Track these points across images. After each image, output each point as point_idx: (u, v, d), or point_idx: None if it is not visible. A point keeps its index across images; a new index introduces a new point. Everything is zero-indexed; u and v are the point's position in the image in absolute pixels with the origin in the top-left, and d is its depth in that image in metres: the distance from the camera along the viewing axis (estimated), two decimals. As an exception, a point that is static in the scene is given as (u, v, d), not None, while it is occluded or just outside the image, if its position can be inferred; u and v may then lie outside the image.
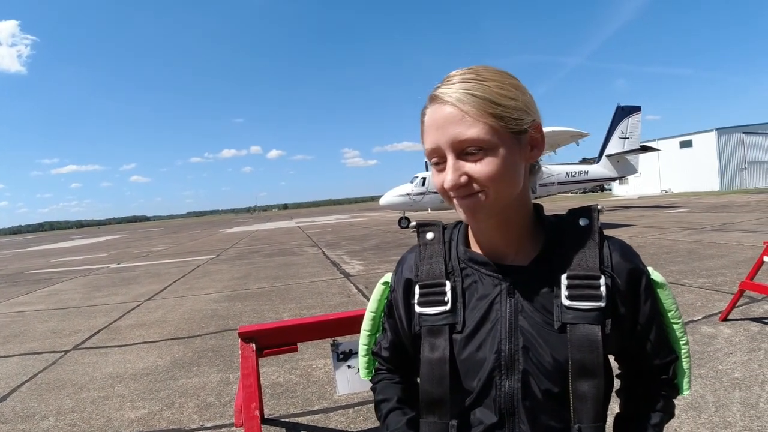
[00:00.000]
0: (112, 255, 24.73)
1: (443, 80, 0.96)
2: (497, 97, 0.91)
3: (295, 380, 4.67)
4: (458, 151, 0.91)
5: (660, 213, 24.19)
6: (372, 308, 1.28)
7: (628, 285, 1.00)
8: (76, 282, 13.95)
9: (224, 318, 7.61)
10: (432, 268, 1.09)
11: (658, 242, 12.34)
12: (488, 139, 0.89)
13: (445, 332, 1.03)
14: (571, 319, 0.95)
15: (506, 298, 1.01)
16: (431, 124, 0.93)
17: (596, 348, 0.93)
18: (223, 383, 4.73)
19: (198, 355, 5.73)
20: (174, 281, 12.40)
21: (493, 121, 0.90)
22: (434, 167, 0.96)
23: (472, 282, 1.06)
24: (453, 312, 1.04)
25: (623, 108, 30.62)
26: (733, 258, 9.49)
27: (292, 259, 15.47)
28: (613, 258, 1.01)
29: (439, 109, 0.92)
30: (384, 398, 1.22)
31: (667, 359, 1.08)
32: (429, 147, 0.94)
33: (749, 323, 5.32)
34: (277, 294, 9.34)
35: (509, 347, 0.99)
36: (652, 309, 1.04)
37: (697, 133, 51.73)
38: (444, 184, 0.92)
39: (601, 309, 0.95)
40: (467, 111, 0.89)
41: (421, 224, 1.18)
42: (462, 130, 0.89)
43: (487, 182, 0.90)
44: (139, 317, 8.25)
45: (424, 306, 1.07)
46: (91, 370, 5.50)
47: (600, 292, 0.95)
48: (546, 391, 0.97)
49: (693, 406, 3.55)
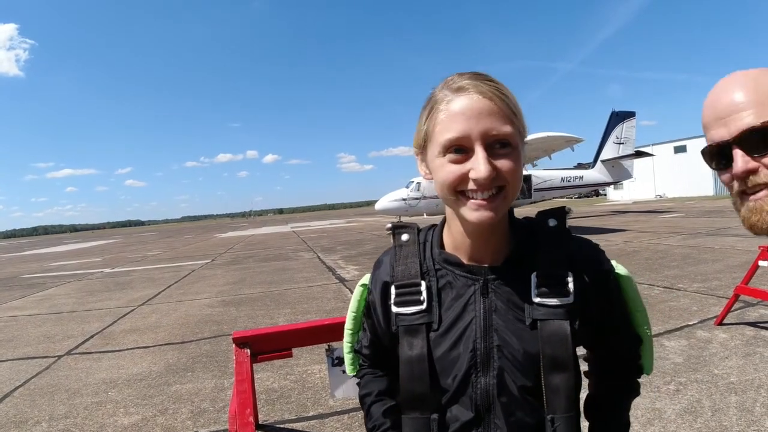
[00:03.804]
0: (107, 259, 24.65)
1: (461, 75, 0.96)
2: (516, 104, 0.96)
3: (290, 386, 4.65)
4: (488, 144, 0.91)
5: (654, 218, 24.26)
6: (353, 308, 1.31)
7: (594, 281, 1.04)
8: (70, 287, 13.90)
9: (218, 323, 7.57)
10: (407, 269, 1.11)
11: (653, 247, 12.40)
12: (516, 138, 0.94)
13: (422, 331, 1.06)
14: (542, 315, 0.99)
15: (480, 298, 1.04)
16: (461, 112, 0.91)
17: (566, 342, 0.97)
18: (218, 389, 4.70)
19: (192, 361, 5.69)
20: (168, 286, 12.36)
21: (517, 123, 0.95)
22: (447, 159, 0.94)
23: (447, 282, 1.08)
24: (429, 311, 1.06)
25: (618, 113, 30.85)
26: (727, 262, 9.52)
27: (287, 263, 15.45)
28: (580, 256, 1.05)
29: (472, 99, 0.91)
30: (367, 392, 1.26)
31: (632, 343, 1.16)
32: (456, 135, 0.91)
33: (744, 327, 5.34)
34: (272, 299, 9.32)
35: (484, 345, 1.02)
36: (618, 301, 1.12)
37: (692, 138, 51.96)
38: (474, 174, 0.90)
39: (569, 305, 0.99)
40: (502, 108, 0.92)
41: (396, 226, 1.21)
42: (498, 125, 0.90)
43: (512, 178, 0.93)
44: (132, 322, 8.21)
45: (400, 306, 1.09)
46: (85, 376, 5.47)
47: (568, 288, 1.00)
48: (521, 386, 1.01)
49: (689, 410, 3.55)
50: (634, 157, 30.74)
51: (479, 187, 0.91)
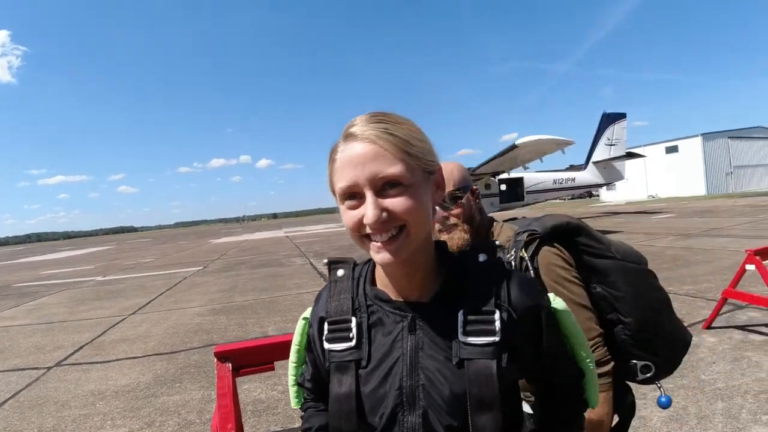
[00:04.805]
0: (99, 267, 24.51)
1: (354, 121, 0.98)
2: (412, 139, 0.95)
3: (277, 396, 4.63)
4: (377, 187, 0.92)
5: (647, 219, 24.37)
6: (296, 341, 1.31)
7: (527, 319, 1.02)
8: (61, 295, 13.82)
9: (209, 332, 7.54)
10: (340, 305, 1.11)
11: (645, 248, 12.44)
12: (407, 176, 0.92)
13: (352, 368, 1.05)
14: (468, 354, 0.97)
15: (407, 335, 1.03)
16: (349, 160, 0.93)
17: (492, 382, 0.95)
18: (205, 400, 4.68)
19: (180, 372, 5.67)
20: (160, 294, 12.30)
21: (410, 160, 0.94)
22: (346, 206, 0.96)
23: (378, 319, 1.07)
24: (358, 348, 1.06)
25: (609, 115, 31.02)
26: (718, 264, 9.57)
27: (279, 270, 15.41)
28: (510, 293, 1.02)
29: (357, 146, 0.93)
30: (308, 427, 1.26)
31: (574, 378, 1.14)
32: (345, 184, 0.93)
33: (733, 331, 5.35)
34: (263, 307, 9.29)
35: (410, 384, 1.00)
36: (554, 338, 1.08)
37: (683, 139, 52.32)
38: (365, 220, 0.91)
39: (496, 343, 0.97)
40: (387, 148, 0.92)
41: (332, 261, 1.20)
42: (383, 167, 0.91)
43: (407, 217, 0.92)
44: (123, 332, 8.17)
45: (331, 342, 1.09)
46: (74, 387, 5.44)
47: (494, 327, 0.97)
48: (447, 426, 0.98)
49: (674, 418, 3.55)
50: (625, 159, 30.91)
51: (374, 231, 0.92)
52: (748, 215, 20.76)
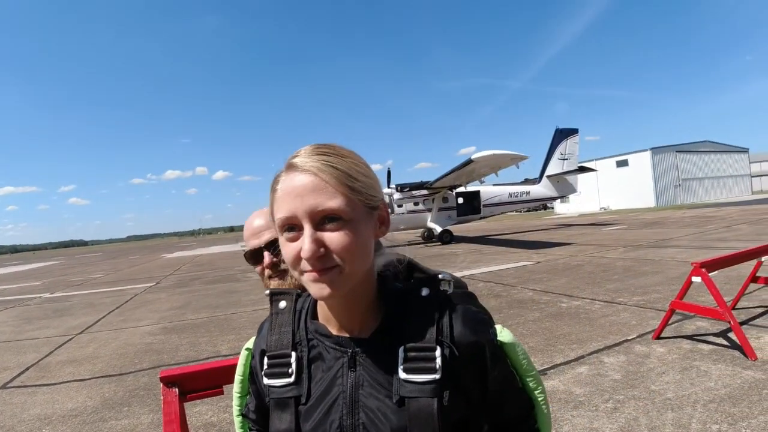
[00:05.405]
0: (47, 283, 23.58)
1: (298, 152, 0.96)
2: (355, 173, 0.93)
3: (229, 419, 4.49)
4: (316, 221, 0.89)
5: (599, 230, 24.99)
6: (239, 372, 1.27)
7: (470, 355, 0.99)
8: (7, 314, 13.26)
9: (159, 353, 7.30)
10: (280, 338, 1.08)
11: (596, 260, 12.71)
12: (348, 210, 0.90)
13: (291, 405, 1.03)
14: (408, 392, 0.94)
15: (347, 372, 1.00)
16: (288, 191, 0.91)
17: (432, 421, 0.92)
18: (155, 425, 4.51)
19: (129, 394, 5.46)
20: (109, 312, 11.89)
21: (352, 194, 0.91)
22: (285, 238, 0.93)
23: (318, 353, 1.05)
24: (298, 384, 1.03)
25: (562, 131, 31.91)
26: (667, 275, 9.85)
27: (234, 285, 15.13)
28: (453, 328, 0.99)
29: (297, 177, 0.91)
30: None
31: (525, 409, 1.12)
32: (284, 215, 0.91)
33: (681, 341, 5.49)
34: (216, 325, 9.07)
35: (350, 422, 0.97)
36: (501, 372, 1.06)
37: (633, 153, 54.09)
38: (301, 254, 0.88)
39: (436, 381, 0.94)
40: (328, 181, 0.89)
41: (274, 293, 1.18)
42: (323, 200, 0.89)
43: (345, 254, 0.89)
44: (69, 353, 7.85)
45: (270, 377, 1.06)
46: (20, 411, 5.21)
47: (434, 364, 0.95)
48: None
49: (626, 429, 3.59)
50: (578, 173, 31.77)
51: (311, 265, 0.89)
52: (695, 226, 21.52)
